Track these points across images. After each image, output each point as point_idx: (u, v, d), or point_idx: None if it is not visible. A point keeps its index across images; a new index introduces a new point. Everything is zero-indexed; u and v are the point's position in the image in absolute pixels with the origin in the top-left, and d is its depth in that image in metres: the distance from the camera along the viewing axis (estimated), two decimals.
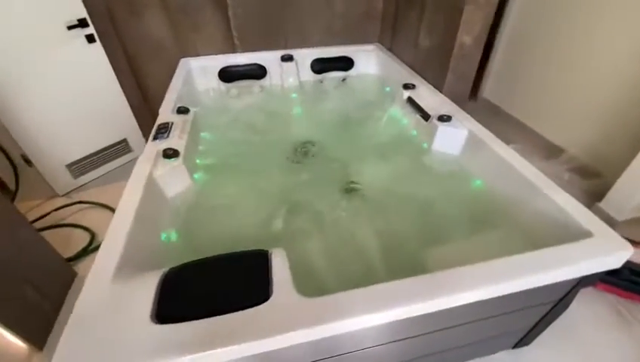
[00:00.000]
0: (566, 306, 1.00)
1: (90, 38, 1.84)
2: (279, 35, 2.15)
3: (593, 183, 1.96)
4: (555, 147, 2.27)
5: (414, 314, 0.74)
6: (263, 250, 0.88)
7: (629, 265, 1.38)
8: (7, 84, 1.65)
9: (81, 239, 1.76)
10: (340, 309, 0.71)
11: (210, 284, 0.80)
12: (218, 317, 0.70)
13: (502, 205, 1.17)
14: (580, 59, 2.05)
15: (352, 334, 0.75)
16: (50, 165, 1.92)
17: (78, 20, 1.76)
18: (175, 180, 1.22)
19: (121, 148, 2.22)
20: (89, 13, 1.78)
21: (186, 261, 0.89)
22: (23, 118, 1.75)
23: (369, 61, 2.22)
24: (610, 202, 1.74)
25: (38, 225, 1.80)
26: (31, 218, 1.84)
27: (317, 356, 0.80)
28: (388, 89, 2.03)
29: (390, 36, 2.13)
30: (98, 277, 0.79)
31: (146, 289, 0.76)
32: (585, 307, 1.40)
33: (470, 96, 3.04)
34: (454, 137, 1.38)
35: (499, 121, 2.73)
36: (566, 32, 2.11)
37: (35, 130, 1.81)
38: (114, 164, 2.22)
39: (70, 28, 1.75)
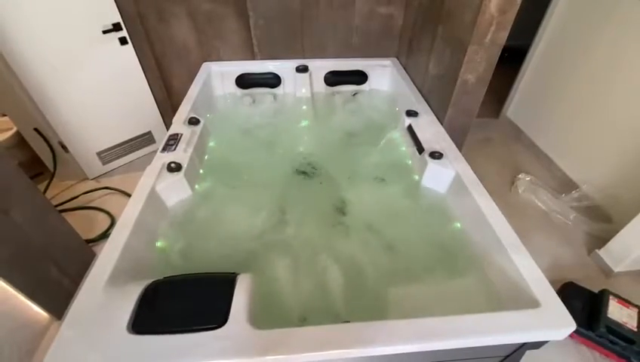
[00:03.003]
0: None
1: (122, 41, 2.02)
2: (297, 46, 2.20)
3: (601, 227, 1.90)
4: (570, 182, 2.19)
5: (349, 356, 0.83)
6: (232, 274, 1.00)
7: (607, 323, 1.37)
8: (50, 82, 1.87)
9: (103, 222, 1.99)
10: (283, 345, 0.82)
11: (181, 302, 0.93)
12: (179, 335, 0.84)
13: (473, 254, 1.20)
14: (611, 95, 1.95)
15: None
16: (82, 152, 2.17)
17: (113, 25, 1.93)
18: (175, 193, 1.37)
19: (146, 139, 2.42)
20: (123, 18, 1.95)
21: (174, 271, 1.03)
22: (62, 110, 1.98)
23: (383, 77, 2.23)
24: (610, 251, 1.70)
25: (68, 205, 2.06)
26: (64, 197, 2.11)
27: None
28: (397, 108, 2.05)
29: (406, 54, 2.12)
30: (93, 283, 0.95)
31: (128, 300, 0.91)
32: (560, 357, 1.42)
33: (492, 114, 2.95)
34: (442, 176, 1.40)
35: (517, 145, 2.65)
36: (601, 65, 1.99)
37: (72, 121, 2.04)
38: (139, 153, 2.44)
39: (105, 32, 1.92)
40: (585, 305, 1.49)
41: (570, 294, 1.54)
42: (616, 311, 1.42)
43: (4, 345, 1.29)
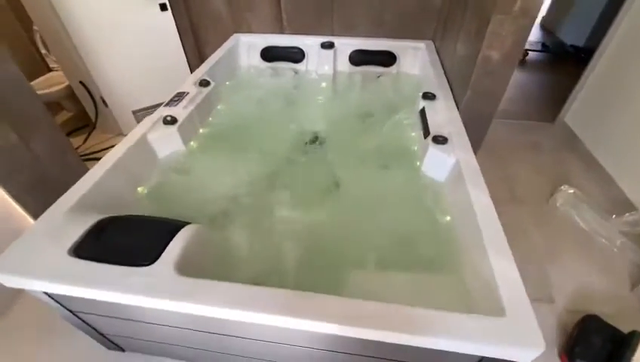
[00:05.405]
0: None
1: (163, 7, 2.13)
2: (326, 21, 2.13)
3: None
4: (626, 203, 1.82)
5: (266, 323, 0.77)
6: (183, 223, 0.99)
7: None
8: (97, 41, 2.05)
9: None
10: (199, 295, 0.78)
11: (126, 238, 0.94)
12: (110, 265, 0.85)
13: (455, 250, 1.04)
14: None
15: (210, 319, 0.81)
16: (120, 108, 2.36)
17: None
18: (168, 145, 1.41)
19: None
20: None
21: (144, 214, 1.06)
22: (104, 67, 2.16)
23: (414, 60, 2.05)
24: None
25: (98, 155, 2.26)
26: (98, 148, 2.33)
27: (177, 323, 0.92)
28: (420, 94, 1.87)
29: (441, 37, 1.92)
30: (58, 206, 1.02)
31: (79, 227, 0.95)
32: None
33: (547, 117, 2.56)
34: (441, 163, 1.24)
35: (570, 154, 2.28)
36: None
37: (113, 79, 2.22)
38: None
39: None
40: (606, 343, 1.21)
41: (591, 328, 1.27)
42: None
43: None
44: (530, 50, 3.51)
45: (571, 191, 1.84)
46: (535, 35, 4.09)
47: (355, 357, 0.87)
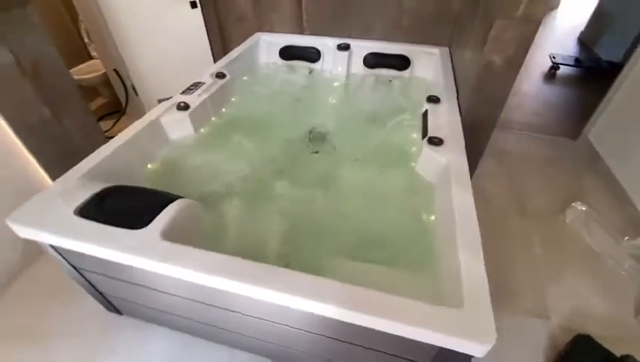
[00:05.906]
0: None
1: (193, 4, 2.29)
2: (345, 23, 2.19)
3: None
4: None
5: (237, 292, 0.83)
6: (177, 196, 1.07)
7: None
8: (132, 33, 2.23)
9: None
10: (178, 259, 0.85)
11: (125, 205, 1.04)
12: (107, 226, 0.94)
13: (435, 248, 1.05)
14: None
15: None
16: (148, 97, 2.53)
17: None
18: (179, 128, 1.51)
19: None
20: None
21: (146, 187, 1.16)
22: (137, 59, 2.34)
23: (428, 65, 2.05)
24: None
25: None
26: None
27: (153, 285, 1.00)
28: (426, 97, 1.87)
29: (456, 43, 1.92)
30: (73, 172, 1.13)
31: (87, 191, 1.06)
32: None
33: (570, 133, 2.46)
34: (433, 164, 1.25)
35: (590, 173, 2.18)
36: None
37: (143, 69, 2.40)
38: None
39: None
40: None
41: (581, 349, 1.22)
42: None
43: None
44: (562, 64, 3.37)
45: (583, 208, 1.77)
46: (571, 49, 3.93)
47: (326, 339, 0.91)
